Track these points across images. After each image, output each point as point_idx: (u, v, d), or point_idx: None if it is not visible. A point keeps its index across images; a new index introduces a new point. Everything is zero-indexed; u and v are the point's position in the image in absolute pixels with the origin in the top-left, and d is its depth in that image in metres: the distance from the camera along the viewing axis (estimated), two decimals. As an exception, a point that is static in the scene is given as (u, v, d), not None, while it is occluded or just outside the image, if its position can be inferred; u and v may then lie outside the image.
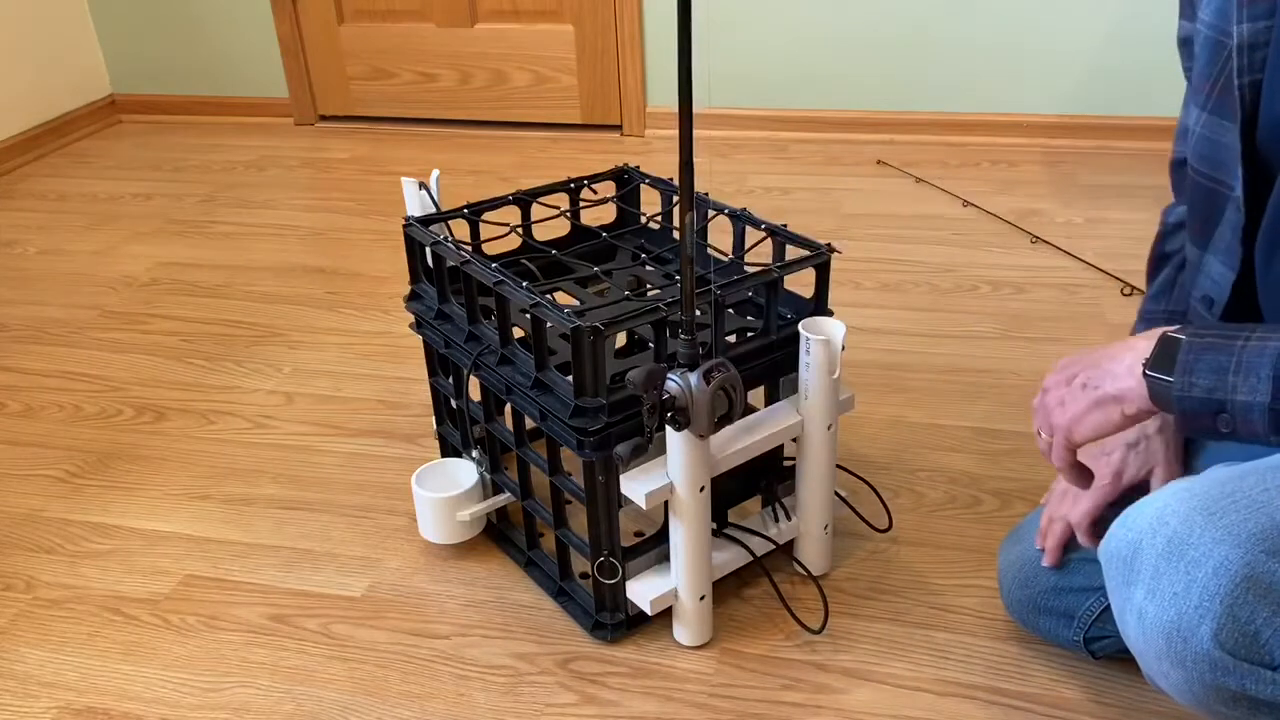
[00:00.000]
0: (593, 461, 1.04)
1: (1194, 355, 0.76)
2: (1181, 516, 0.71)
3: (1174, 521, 0.71)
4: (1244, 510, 0.69)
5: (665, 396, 0.94)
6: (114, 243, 2.23)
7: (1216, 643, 0.68)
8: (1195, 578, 0.69)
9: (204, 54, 2.92)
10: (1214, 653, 0.69)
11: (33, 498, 1.43)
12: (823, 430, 1.11)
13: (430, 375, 1.29)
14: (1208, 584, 0.68)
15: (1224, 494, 0.71)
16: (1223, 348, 0.75)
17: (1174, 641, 0.70)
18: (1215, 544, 0.68)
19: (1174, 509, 0.71)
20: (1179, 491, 0.73)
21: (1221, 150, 0.86)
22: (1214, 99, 0.86)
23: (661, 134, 2.71)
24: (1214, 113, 0.87)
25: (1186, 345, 0.76)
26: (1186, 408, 0.76)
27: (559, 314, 1.00)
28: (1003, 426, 1.47)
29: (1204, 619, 0.68)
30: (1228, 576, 0.68)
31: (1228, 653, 0.68)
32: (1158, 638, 0.71)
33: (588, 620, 1.16)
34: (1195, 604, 0.69)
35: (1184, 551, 0.69)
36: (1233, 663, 0.69)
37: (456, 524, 1.24)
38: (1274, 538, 0.68)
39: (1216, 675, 0.69)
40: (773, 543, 1.17)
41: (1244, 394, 0.73)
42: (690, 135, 0.88)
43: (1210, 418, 0.75)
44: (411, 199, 1.26)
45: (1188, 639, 0.69)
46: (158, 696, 1.11)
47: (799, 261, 1.10)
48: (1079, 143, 2.49)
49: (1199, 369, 0.75)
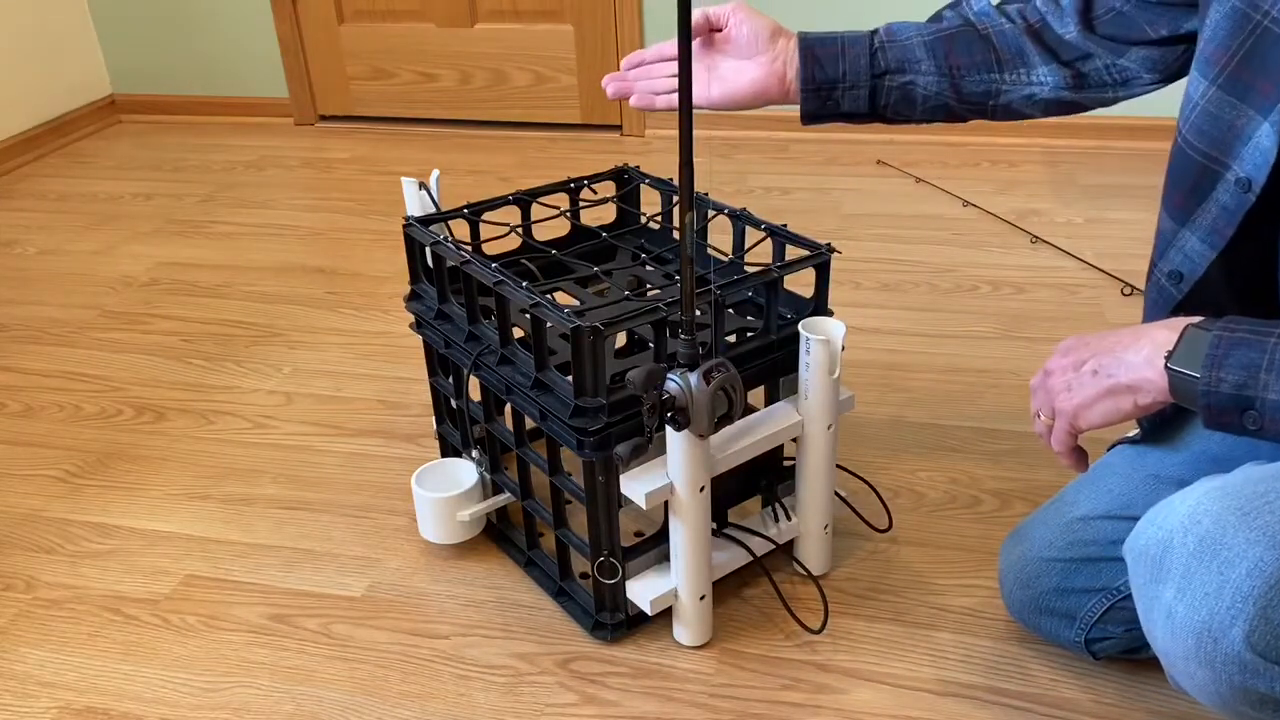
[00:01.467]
0: (593, 461, 1.04)
1: (1223, 350, 0.75)
2: (1214, 516, 0.70)
3: (1206, 521, 0.70)
4: (1279, 511, 0.68)
5: (665, 396, 0.94)
6: (114, 243, 2.23)
7: (1248, 644, 0.68)
8: (1228, 578, 0.68)
9: (204, 54, 2.93)
10: (1245, 655, 0.68)
11: (33, 498, 1.43)
12: (823, 430, 1.11)
13: (430, 375, 1.29)
14: (1241, 585, 0.67)
15: (1258, 494, 0.70)
16: (1255, 344, 0.74)
17: (1204, 642, 0.69)
18: (1249, 545, 0.68)
19: (1206, 508, 0.70)
20: (1211, 490, 0.71)
21: (1224, 128, 0.84)
22: (1227, 74, 0.83)
23: (661, 134, 2.71)
24: (1225, 89, 0.84)
25: (1215, 339, 0.75)
26: (1213, 403, 0.75)
27: (559, 314, 1.00)
28: (1003, 426, 1.47)
29: (1236, 620, 0.68)
30: (1262, 578, 0.67)
31: (1259, 655, 0.68)
32: (1187, 638, 0.70)
33: (588, 620, 1.16)
34: (1228, 605, 0.68)
35: (1217, 551, 0.68)
36: (1263, 665, 0.68)
37: (456, 524, 1.24)
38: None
39: (1246, 677, 0.69)
40: (772, 543, 1.17)
41: (1276, 393, 0.72)
42: (690, 135, 0.88)
43: (1237, 414, 0.74)
44: (411, 199, 1.26)
45: (1218, 640, 0.68)
46: (158, 696, 1.11)
47: (799, 261, 1.10)
48: (1079, 143, 2.49)
49: (1229, 364, 0.74)
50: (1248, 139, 0.82)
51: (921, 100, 1.07)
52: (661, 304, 1.02)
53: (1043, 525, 1.05)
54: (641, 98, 1.11)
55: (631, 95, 1.12)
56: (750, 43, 1.07)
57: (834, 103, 1.08)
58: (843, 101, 1.08)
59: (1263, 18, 0.81)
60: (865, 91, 1.07)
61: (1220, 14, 0.85)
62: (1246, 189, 0.83)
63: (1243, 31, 0.82)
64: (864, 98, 1.07)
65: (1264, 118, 0.81)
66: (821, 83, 1.07)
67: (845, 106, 1.08)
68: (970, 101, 1.08)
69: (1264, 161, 0.81)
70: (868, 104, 1.08)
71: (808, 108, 1.09)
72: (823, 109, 1.09)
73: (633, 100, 1.11)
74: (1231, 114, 0.84)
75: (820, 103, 1.08)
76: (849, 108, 1.08)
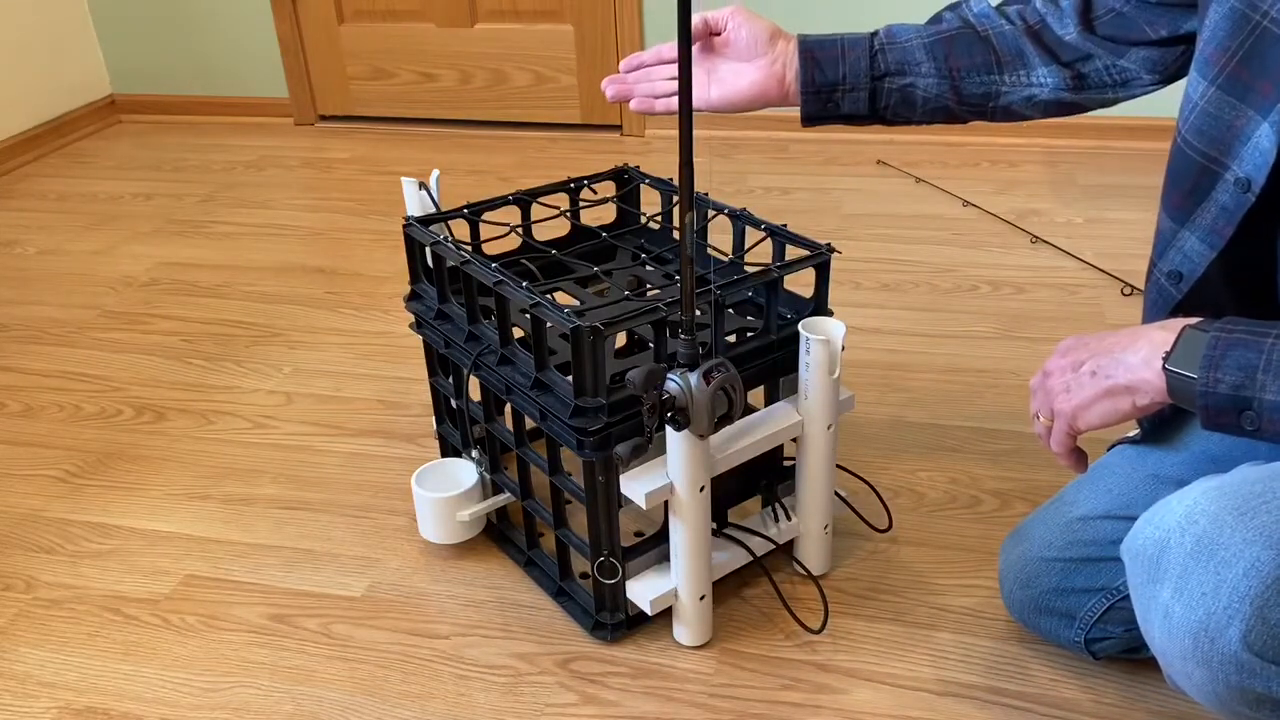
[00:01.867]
0: (593, 461, 1.04)
1: (1221, 351, 0.75)
2: (1211, 516, 0.70)
3: (1203, 521, 0.70)
4: (1276, 511, 0.68)
5: (665, 396, 0.94)
6: (114, 243, 2.23)
7: (1245, 644, 0.68)
8: (1225, 578, 0.68)
9: (204, 54, 2.92)
10: (1242, 654, 0.68)
11: (33, 498, 1.43)
12: (823, 430, 1.11)
13: (430, 375, 1.29)
14: (1238, 585, 0.67)
15: (1255, 494, 0.70)
16: (1252, 345, 0.74)
17: (1201, 642, 0.69)
18: (1246, 544, 0.68)
19: (1204, 508, 0.70)
20: (1209, 490, 0.71)
21: (1223, 128, 0.84)
22: (1226, 75, 0.83)
23: (661, 134, 2.71)
24: (1224, 89, 0.84)
25: (1212, 340, 0.75)
26: (1210, 404, 0.75)
27: (559, 314, 1.00)
28: (1003, 426, 1.47)
29: (1233, 620, 0.68)
30: (1259, 578, 0.67)
31: (1256, 654, 0.68)
32: (1184, 637, 0.70)
33: (588, 620, 1.16)
34: (1225, 605, 0.68)
35: (1214, 551, 0.68)
36: (1260, 665, 0.68)
37: (456, 524, 1.24)
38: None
39: (1243, 677, 0.69)
40: (772, 542, 1.17)
41: (1273, 393, 0.73)
42: (690, 135, 0.88)
43: (1235, 415, 0.75)
44: (411, 199, 1.26)
45: (1215, 640, 0.68)
46: (158, 696, 1.11)
47: (799, 261, 1.10)
48: (1079, 143, 2.49)
49: (1226, 365, 0.74)
50: (1247, 139, 0.83)
51: (921, 102, 1.08)
52: (661, 304, 1.02)
53: (1042, 525, 1.05)
54: (641, 102, 1.11)
55: (631, 99, 1.12)
56: (749, 46, 1.08)
57: (834, 105, 1.08)
58: (843, 103, 1.08)
59: (1262, 18, 0.81)
60: (865, 94, 1.07)
61: (1219, 14, 0.85)
62: (1246, 189, 0.83)
63: (1242, 32, 0.82)
64: (864, 100, 1.08)
65: (1263, 118, 0.81)
66: (821, 85, 1.07)
67: (845, 108, 1.09)
68: (970, 103, 1.08)
69: (1263, 162, 0.81)
70: (867, 106, 1.08)
71: (808, 110, 1.09)
72: (823, 111, 1.09)
73: (633, 104, 1.12)
74: (1231, 114, 0.84)
75: (820, 105, 1.08)
76: (849, 109, 1.09)
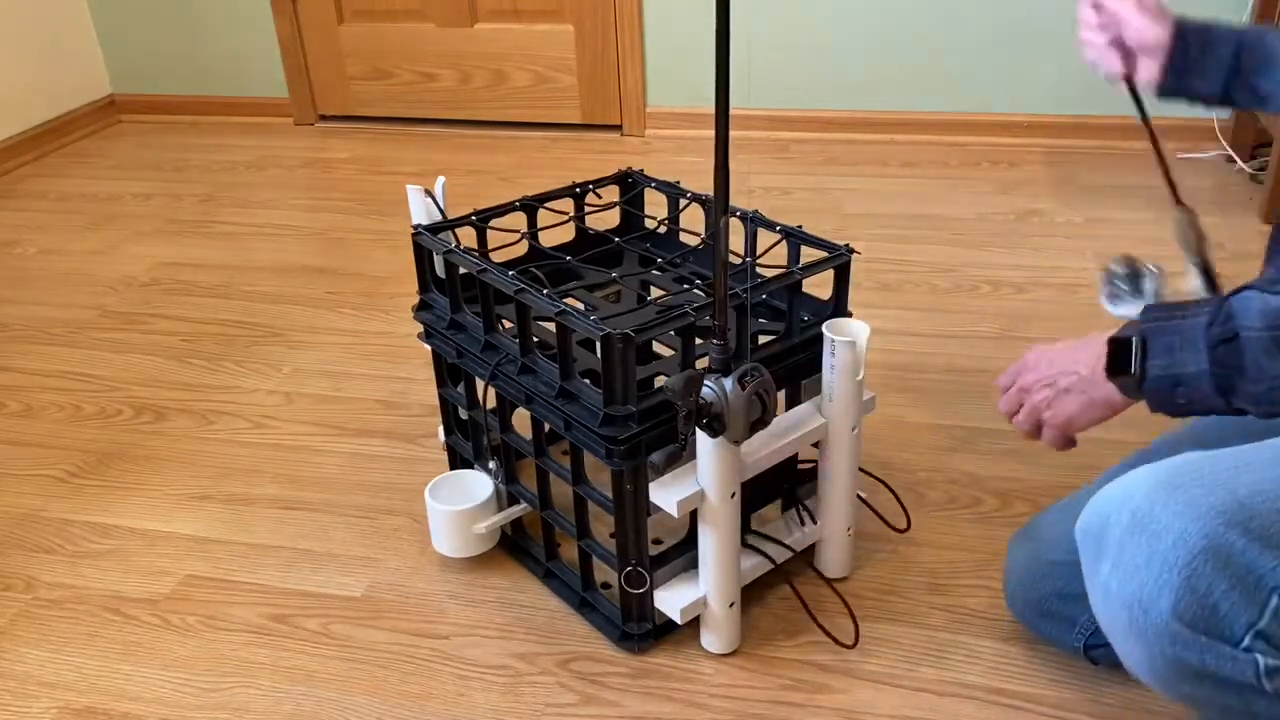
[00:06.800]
0: (621, 470, 1.02)
1: (1149, 339, 0.79)
2: (1145, 491, 0.72)
3: (1138, 496, 0.72)
4: (1207, 485, 0.70)
5: (701, 403, 0.93)
6: (114, 243, 2.23)
7: (1175, 614, 0.68)
8: (1156, 550, 0.69)
9: (204, 54, 2.92)
10: (1173, 625, 0.69)
11: (33, 498, 1.43)
12: (847, 432, 1.10)
13: (439, 386, 1.27)
14: (1167, 556, 0.69)
15: (1190, 470, 0.72)
16: (1170, 328, 0.79)
17: (1135, 614, 0.70)
18: (1175, 517, 0.69)
19: (1140, 484, 0.73)
20: (1149, 468, 0.74)
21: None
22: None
23: (661, 134, 2.71)
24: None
25: (1139, 339, 0.80)
26: (1148, 388, 0.80)
27: (586, 321, 0.99)
28: (1003, 426, 1.47)
29: (1163, 591, 0.69)
30: (1186, 548, 0.68)
31: (1186, 625, 0.69)
32: (1120, 610, 0.71)
33: (613, 631, 1.14)
34: (1155, 576, 0.69)
35: (1146, 525, 0.70)
36: (1191, 636, 0.69)
37: (473, 537, 1.22)
38: (1234, 511, 0.68)
39: (1176, 649, 0.69)
40: (790, 550, 1.15)
41: (1192, 365, 0.77)
42: (726, 137, 0.85)
43: (1170, 394, 0.78)
44: (417, 207, 1.23)
45: (1148, 610, 0.70)
46: (157, 696, 1.11)
47: (820, 263, 1.10)
48: (1079, 143, 2.49)
49: (1153, 352, 0.78)
50: None
51: None
52: (689, 309, 1.01)
53: (1054, 526, 1.05)
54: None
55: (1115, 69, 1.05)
56: None
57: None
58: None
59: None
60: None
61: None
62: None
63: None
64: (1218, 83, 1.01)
65: None
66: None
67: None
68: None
69: None
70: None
71: None
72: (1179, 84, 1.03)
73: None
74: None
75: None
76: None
